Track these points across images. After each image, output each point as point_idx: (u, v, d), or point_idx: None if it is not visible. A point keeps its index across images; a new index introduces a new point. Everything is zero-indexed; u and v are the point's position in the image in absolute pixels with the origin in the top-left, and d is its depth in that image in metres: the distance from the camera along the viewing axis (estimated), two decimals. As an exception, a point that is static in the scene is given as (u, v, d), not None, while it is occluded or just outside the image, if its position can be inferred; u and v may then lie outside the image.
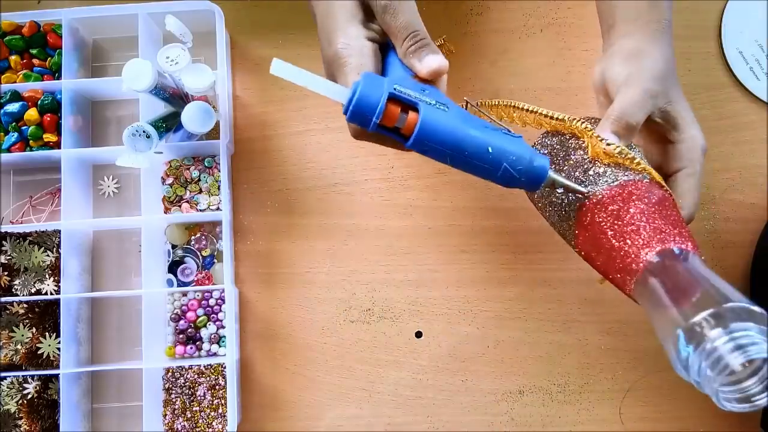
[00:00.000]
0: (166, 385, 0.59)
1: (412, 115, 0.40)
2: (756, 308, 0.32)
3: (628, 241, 0.39)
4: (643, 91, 0.45)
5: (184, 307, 0.61)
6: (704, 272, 0.36)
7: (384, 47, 0.45)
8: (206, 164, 0.62)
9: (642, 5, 0.48)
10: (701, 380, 0.32)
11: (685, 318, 0.33)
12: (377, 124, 0.39)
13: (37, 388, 0.57)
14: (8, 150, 0.60)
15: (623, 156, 0.43)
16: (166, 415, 0.59)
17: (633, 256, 0.39)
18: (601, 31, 0.53)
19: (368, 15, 0.44)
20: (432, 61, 0.42)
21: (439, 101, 0.41)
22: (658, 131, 0.49)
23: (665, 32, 0.48)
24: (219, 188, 0.61)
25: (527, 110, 0.47)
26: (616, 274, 0.41)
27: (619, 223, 0.41)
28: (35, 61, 0.62)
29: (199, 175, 0.62)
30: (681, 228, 0.40)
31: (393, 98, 0.40)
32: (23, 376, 0.57)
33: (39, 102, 0.60)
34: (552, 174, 0.42)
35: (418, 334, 0.61)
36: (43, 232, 0.59)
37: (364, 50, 0.43)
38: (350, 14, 0.43)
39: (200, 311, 0.61)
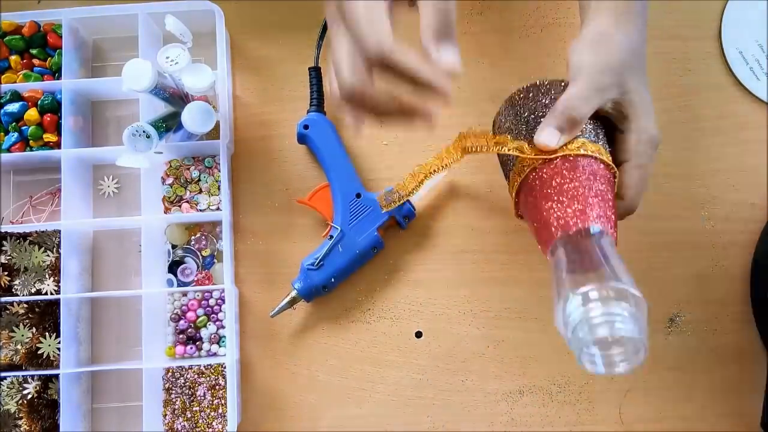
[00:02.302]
0: (166, 385, 0.59)
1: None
2: (636, 292, 0.36)
3: (552, 212, 0.43)
4: (590, 84, 0.45)
5: (184, 307, 0.61)
6: (608, 254, 0.40)
7: None
8: (206, 164, 0.62)
9: None
10: (572, 339, 0.37)
11: (576, 287, 0.37)
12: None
13: (37, 388, 0.57)
14: (8, 150, 0.60)
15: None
16: (166, 415, 0.59)
17: (552, 227, 0.43)
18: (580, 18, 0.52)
19: None
20: (450, 57, 0.39)
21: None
22: (608, 118, 0.48)
23: (635, 15, 0.47)
24: (219, 188, 0.61)
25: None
26: (540, 239, 0.45)
27: (548, 193, 0.44)
28: (35, 61, 0.62)
29: (199, 175, 0.62)
30: (605, 209, 0.43)
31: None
32: (23, 376, 0.57)
33: (39, 102, 0.60)
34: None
35: (418, 334, 0.61)
36: (43, 232, 0.59)
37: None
38: None
39: (200, 311, 0.61)
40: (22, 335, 0.58)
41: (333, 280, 0.59)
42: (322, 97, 0.62)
